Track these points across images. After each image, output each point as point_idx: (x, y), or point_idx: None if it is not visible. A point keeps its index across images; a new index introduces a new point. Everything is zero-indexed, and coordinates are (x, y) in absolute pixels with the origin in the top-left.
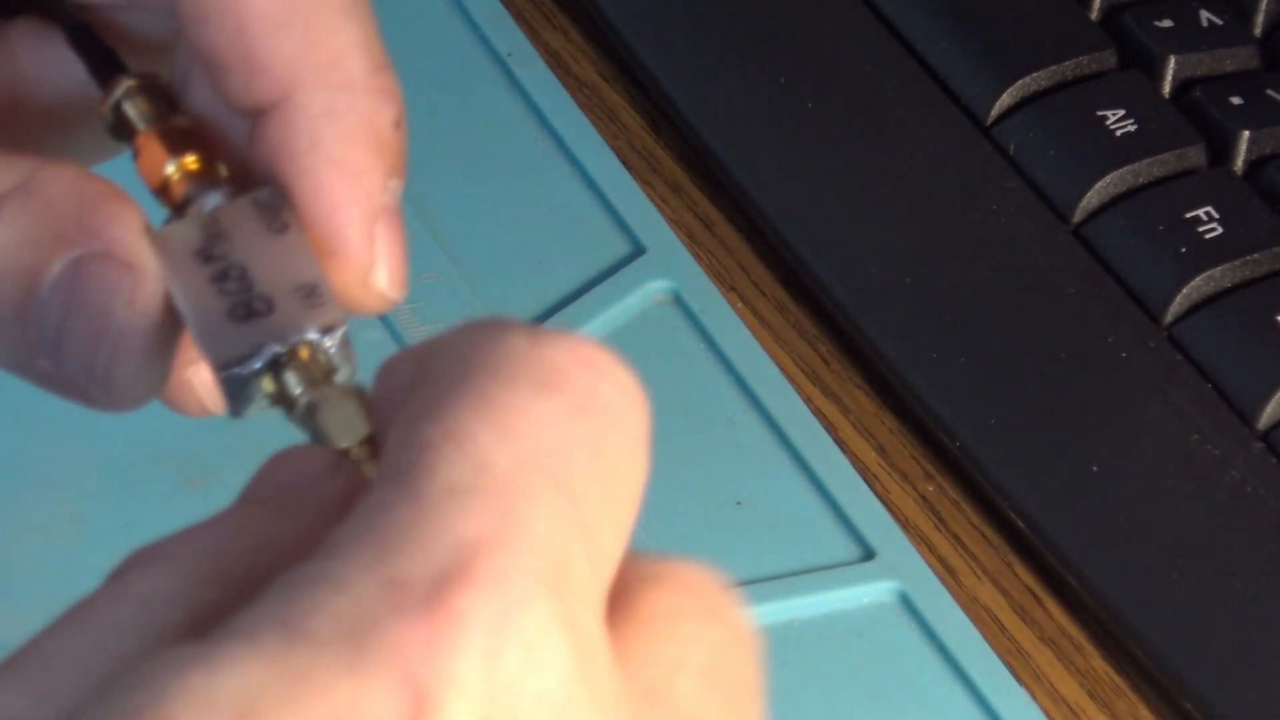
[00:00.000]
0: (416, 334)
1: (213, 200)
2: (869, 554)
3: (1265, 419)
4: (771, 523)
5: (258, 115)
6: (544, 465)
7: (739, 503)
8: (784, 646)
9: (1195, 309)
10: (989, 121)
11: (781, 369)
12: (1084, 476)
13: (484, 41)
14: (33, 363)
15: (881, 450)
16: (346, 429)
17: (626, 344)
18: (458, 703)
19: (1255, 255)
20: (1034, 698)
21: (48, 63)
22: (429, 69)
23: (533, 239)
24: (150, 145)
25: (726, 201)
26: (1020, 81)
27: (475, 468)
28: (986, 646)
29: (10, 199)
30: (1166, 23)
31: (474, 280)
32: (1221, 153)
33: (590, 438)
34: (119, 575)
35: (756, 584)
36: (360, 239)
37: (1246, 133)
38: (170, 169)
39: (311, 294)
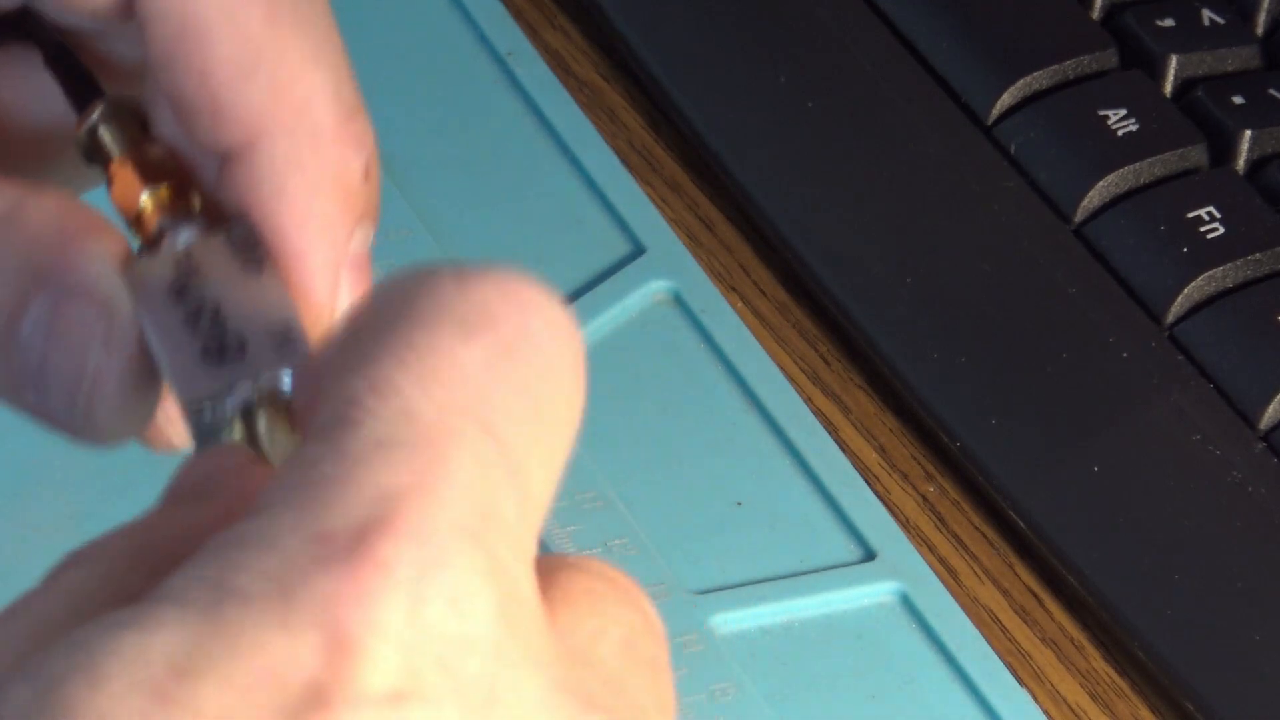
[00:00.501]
0: None
1: (186, 234)
2: (869, 554)
3: (1267, 419)
4: (771, 523)
5: (225, 157)
6: (470, 410)
7: (739, 503)
8: (784, 646)
9: (1197, 309)
10: (989, 121)
11: (781, 369)
12: (1084, 476)
13: (484, 41)
14: (20, 395)
15: (882, 450)
16: None
17: (626, 344)
18: (381, 650)
19: (1257, 255)
20: (1035, 698)
21: (29, 88)
22: (429, 69)
23: (533, 239)
24: (124, 174)
25: (726, 201)
26: (1021, 81)
27: (400, 418)
28: (987, 647)
29: None
30: (1168, 22)
31: None
32: (1223, 152)
33: (519, 378)
34: (51, 573)
35: (756, 584)
36: (325, 288)
37: (1248, 132)
38: (144, 199)
39: (285, 335)
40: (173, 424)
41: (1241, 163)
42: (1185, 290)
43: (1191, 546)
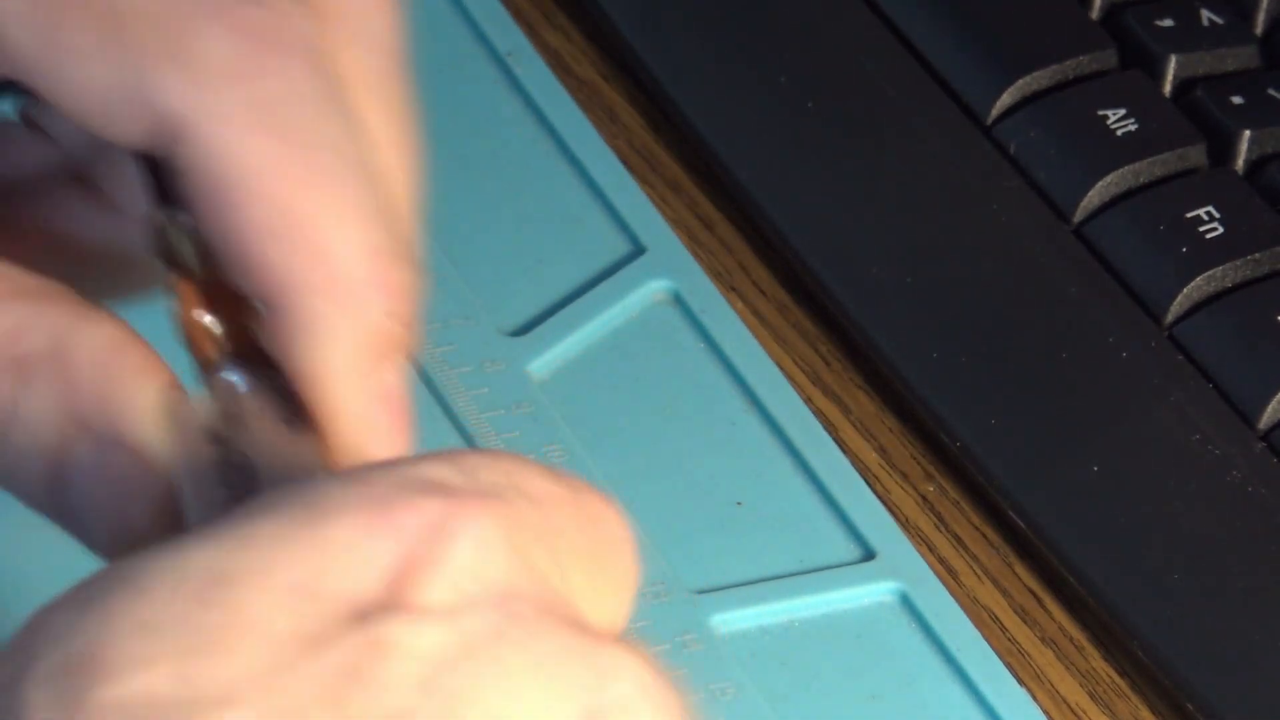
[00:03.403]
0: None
1: (237, 377)
2: (869, 554)
3: (1266, 419)
4: (771, 523)
5: (265, 304)
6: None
7: (739, 503)
8: (784, 646)
9: (1196, 309)
10: (989, 121)
11: (781, 369)
12: (1084, 476)
13: (484, 41)
14: (65, 524)
15: (882, 450)
16: None
17: (626, 344)
18: (448, 573)
19: (1256, 255)
20: (1034, 698)
21: (84, 210)
22: (429, 68)
23: (533, 239)
24: (190, 295)
25: (726, 201)
26: (1021, 81)
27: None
28: (987, 647)
29: (40, 370)
30: (1167, 22)
31: (474, 280)
32: (1223, 152)
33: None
34: None
35: (756, 584)
36: (364, 436)
37: (1248, 132)
38: (206, 324)
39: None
40: None
41: (1241, 163)
42: (1185, 290)
43: (1191, 546)
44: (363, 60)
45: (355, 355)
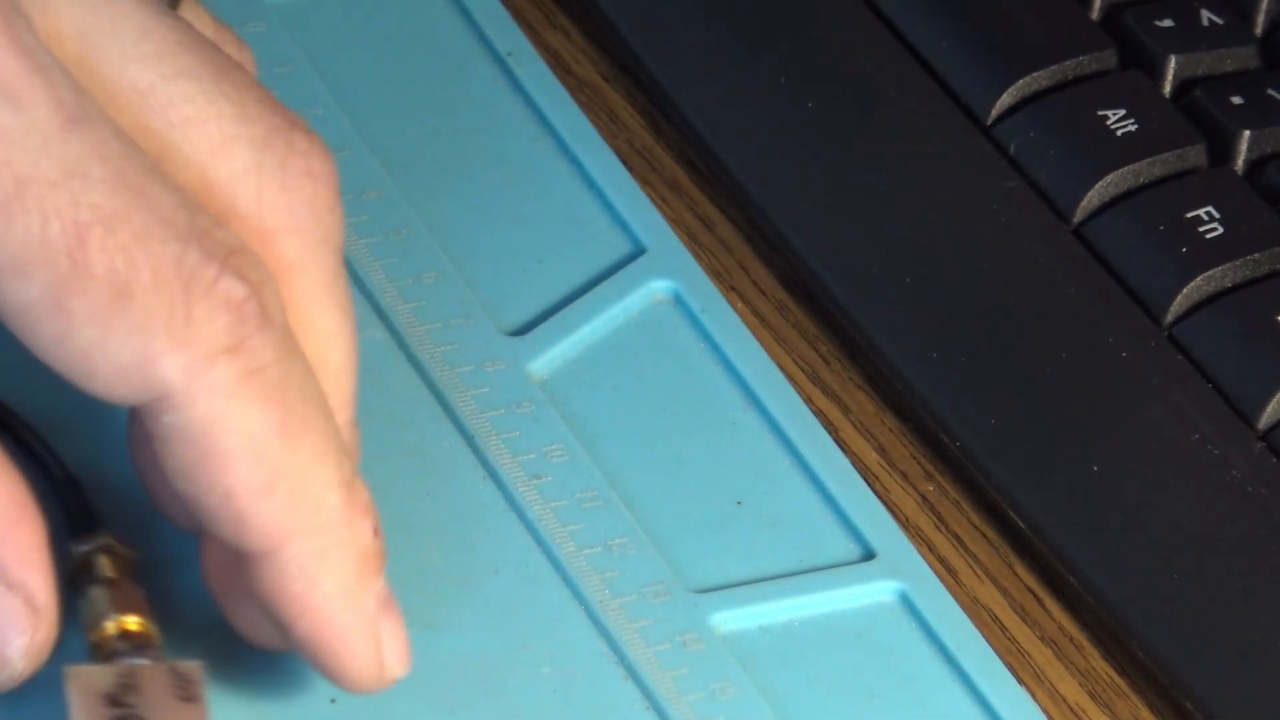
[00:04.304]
0: (417, 334)
1: (137, 660)
2: (869, 554)
3: (1266, 419)
4: (771, 523)
5: (249, 556)
6: None
7: (739, 503)
8: (784, 646)
9: (1196, 309)
10: (989, 121)
11: (781, 369)
12: (1084, 476)
13: (484, 41)
14: None
15: (882, 450)
16: None
17: (626, 344)
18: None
19: (1256, 255)
20: (1034, 698)
21: None
22: (429, 69)
23: (533, 239)
24: (99, 597)
25: (726, 201)
26: (1020, 81)
27: None
28: (987, 646)
29: None
30: (1167, 22)
31: (474, 280)
32: (1222, 153)
33: None
34: None
35: (756, 584)
36: (368, 650)
37: (1247, 132)
38: (109, 624)
39: None
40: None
41: (1240, 163)
42: (1184, 290)
43: (1191, 546)
44: (312, 271)
45: (354, 579)
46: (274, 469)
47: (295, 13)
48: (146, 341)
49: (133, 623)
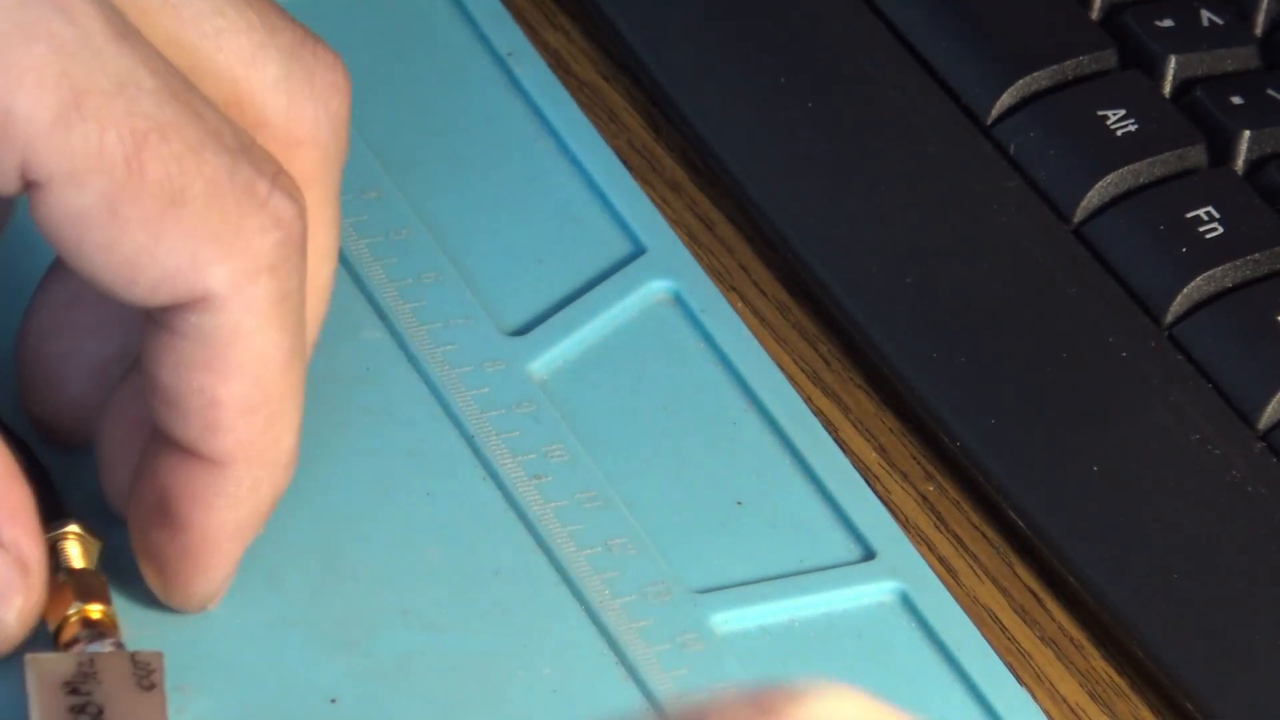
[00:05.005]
0: (417, 334)
1: (96, 645)
2: (869, 554)
3: (1266, 419)
4: (771, 523)
5: (188, 456)
6: None
7: (739, 503)
8: (784, 646)
9: (1196, 309)
10: (989, 121)
11: (781, 369)
12: (1084, 476)
13: (484, 41)
14: None
15: (882, 450)
16: None
17: (626, 344)
18: None
19: (1256, 255)
20: (1034, 698)
21: None
22: (429, 68)
23: (533, 239)
24: (62, 588)
25: (726, 201)
26: (1020, 81)
27: None
28: (987, 646)
29: None
30: (1167, 22)
31: (474, 280)
32: (1222, 153)
33: None
34: None
35: (756, 583)
36: (219, 584)
37: (1247, 132)
38: (71, 611)
39: None
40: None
41: (1240, 163)
42: (1184, 290)
43: (1191, 546)
44: (323, 187)
45: (260, 520)
46: (265, 395)
47: (295, 12)
48: (197, 248)
49: (95, 610)
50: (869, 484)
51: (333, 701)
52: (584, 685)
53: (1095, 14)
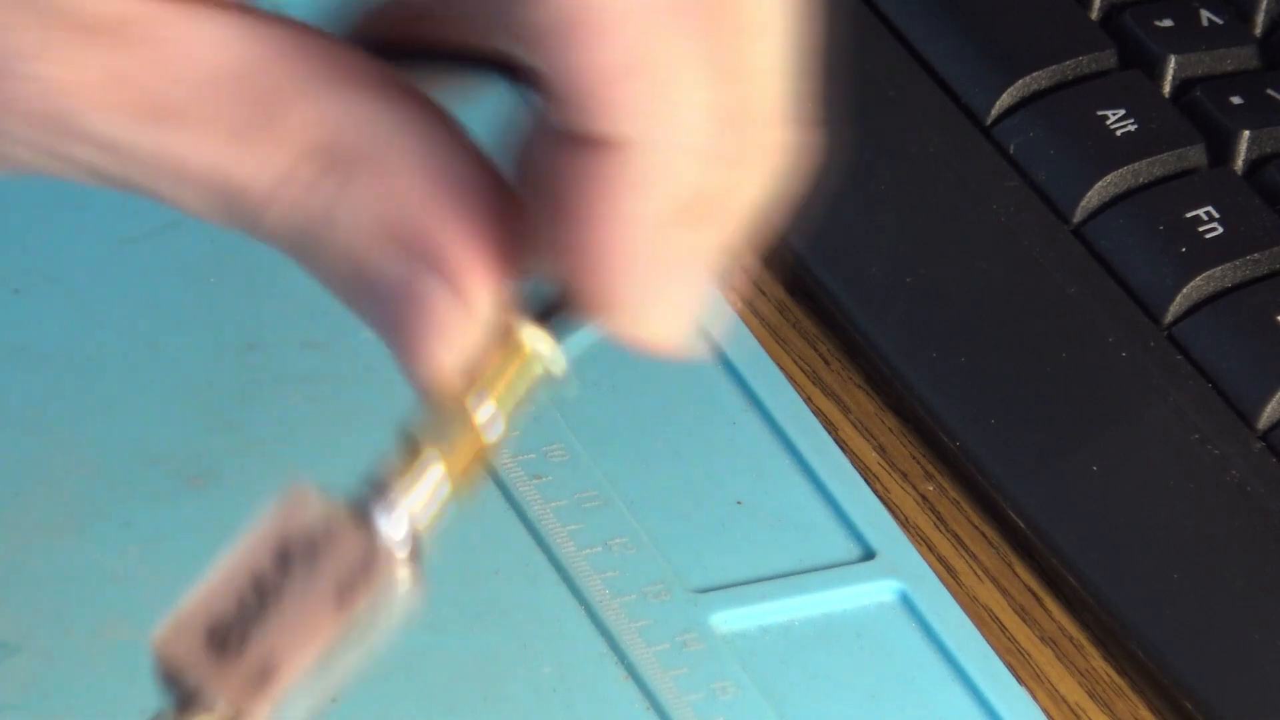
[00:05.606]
0: None
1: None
2: (869, 554)
3: (1265, 419)
4: (771, 523)
5: (580, 140)
6: None
7: (739, 503)
8: (784, 646)
9: (1195, 309)
10: (989, 121)
11: (781, 369)
12: (1084, 476)
13: None
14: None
15: (881, 450)
16: None
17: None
18: None
19: (1255, 255)
20: (1034, 697)
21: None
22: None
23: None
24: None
25: None
26: (1020, 81)
27: None
28: (987, 646)
29: (360, 173)
30: (1167, 22)
31: None
32: (1222, 152)
33: None
34: None
35: (756, 584)
36: (629, 285)
37: (1247, 132)
38: (470, 405)
39: (264, 677)
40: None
41: (1240, 163)
42: (1184, 290)
43: (1190, 546)
44: None
45: (663, 214)
46: (644, 54)
47: None
48: None
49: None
50: (869, 484)
51: (333, 701)
52: (584, 685)
53: (1095, 14)
